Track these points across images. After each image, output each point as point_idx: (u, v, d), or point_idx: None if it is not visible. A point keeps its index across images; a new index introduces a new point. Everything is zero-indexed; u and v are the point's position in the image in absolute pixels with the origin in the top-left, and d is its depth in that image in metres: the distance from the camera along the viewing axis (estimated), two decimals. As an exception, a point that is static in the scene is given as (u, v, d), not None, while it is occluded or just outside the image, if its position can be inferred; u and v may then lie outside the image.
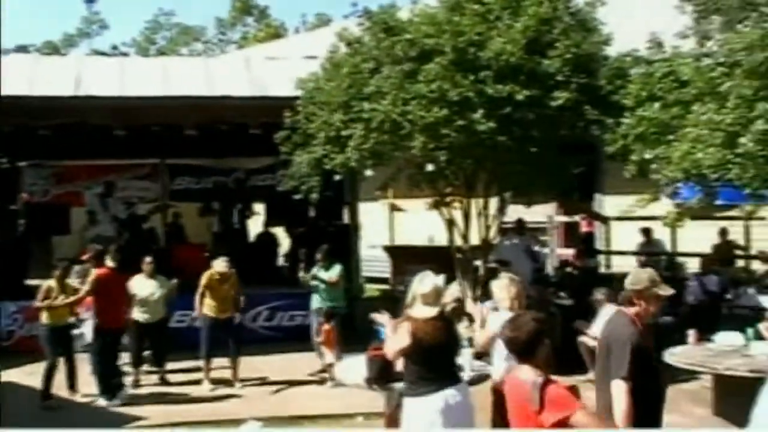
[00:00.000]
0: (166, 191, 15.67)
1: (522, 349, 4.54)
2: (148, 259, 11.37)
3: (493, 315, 6.97)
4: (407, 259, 16.37)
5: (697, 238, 14.23)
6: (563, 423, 4.28)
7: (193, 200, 16.33)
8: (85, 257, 11.63)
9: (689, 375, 9.55)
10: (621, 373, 5.03)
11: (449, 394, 5.99)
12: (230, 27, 50.31)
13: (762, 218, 11.90)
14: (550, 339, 4.62)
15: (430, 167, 11.13)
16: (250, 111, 13.43)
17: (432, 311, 6.07)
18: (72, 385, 10.45)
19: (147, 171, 15.72)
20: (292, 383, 11.15)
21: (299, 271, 12.26)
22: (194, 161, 15.59)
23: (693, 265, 14.26)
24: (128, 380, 10.90)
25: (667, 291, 5.35)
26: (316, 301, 11.86)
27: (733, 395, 6.91)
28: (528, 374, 4.45)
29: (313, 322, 11.85)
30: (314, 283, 11.79)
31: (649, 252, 15.59)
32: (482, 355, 7.52)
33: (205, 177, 15.85)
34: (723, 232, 14.45)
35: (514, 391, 4.55)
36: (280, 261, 17.06)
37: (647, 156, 9.50)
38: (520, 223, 13.62)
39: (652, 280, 5.35)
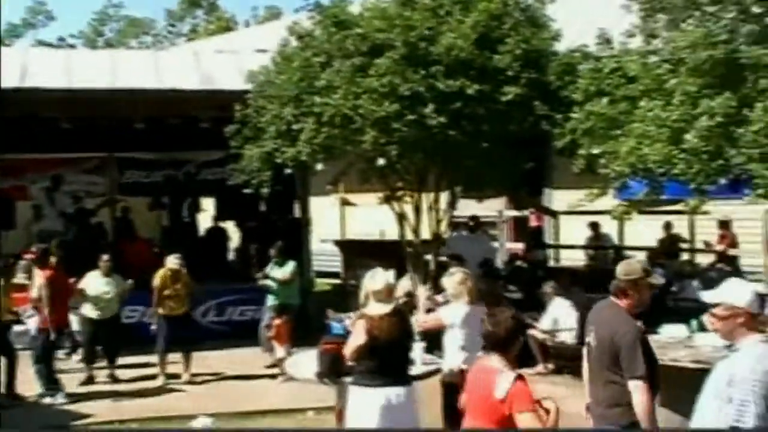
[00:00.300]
0: (115, 185, 15.48)
1: (499, 344, 4.75)
2: (105, 257, 11.26)
3: (445, 308, 7.02)
4: (358, 253, 16.41)
5: (643, 233, 14.48)
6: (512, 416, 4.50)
7: (143, 194, 16.12)
8: (29, 257, 11.45)
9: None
10: (638, 372, 5.11)
11: (394, 392, 6.03)
12: (180, 19, 49.76)
13: (706, 213, 12.12)
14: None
15: (381, 161, 11.15)
16: (200, 104, 13.32)
17: (386, 308, 6.10)
18: (9, 383, 10.23)
19: (95, 164, 15.51)
20: (242, 378, 11.11)
21: (250, 266, 12.20)
22: (143, 155, 15.42)
23: (639, 259, 14.49)
24: (80, 377, 10.79)
25: (658, 280, 5.45)
26: (271, 299, 11.85)
27: (677, 386, 7.03)
28: (499, 364, 4.68)
29: (265, 318, 11.83)
30: (268, 283, 11.77)
31: (597, 246, 15.83)
32: (433, 348, 7.58)
33: (155, 171, 15.68)
34: (668, 226, 14.72)
35: (481, 376, 4.73)
36: (231, 256, 16.96)
37: (595, 151, 9.62)
38: (475, 220, 13.72)
39: (645, 269, 5.46)
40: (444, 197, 13.17)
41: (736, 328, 4.34)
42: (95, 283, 11.01)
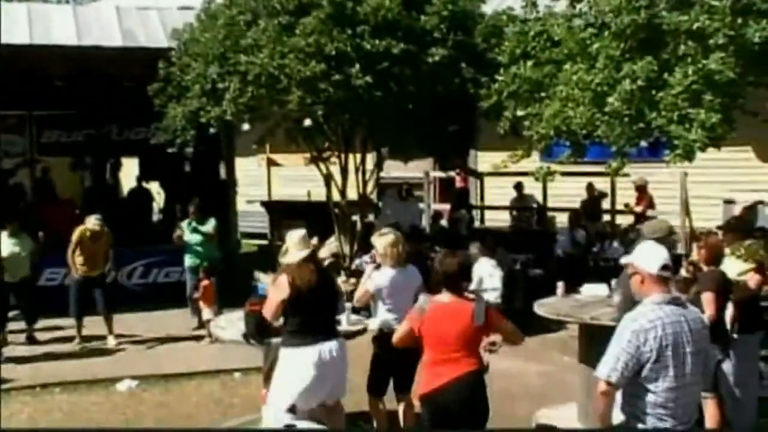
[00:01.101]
0: (34, 145, 15.06)
1: (451, 280, 5.38)
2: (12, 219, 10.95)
3: (371, 277, 7.02)
4: (285, 214, 16.37)
5: (566, 194, 14.74)
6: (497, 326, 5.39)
7: (64, 154, 15.72)
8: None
9: (557, 325, 9.96)
10: None
11: (324, 348, 6.05)
12: (100, -26, 48.43)
13: (626, 175, 12.39)
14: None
15: (307, 122, 11.10)
16: (123, 62, 13.01)
17: (303, 253, 6.13)
18: None
19: (13, 123, 15.02)
20: (168, 340, 11.02)
21: (175, 228, 12.02)
22: (64, 113, 14.99)
23: (562, 220, 14.78)
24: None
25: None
26: (188, 259, 11.72)
27: (597, 343, 7.22)
28: (466, 300, 5.38)
29: (188, 279, 11.71)
30: (194, 237, 11.61)
31: (521, 207, 16.07)
32: (359, 309, 7.63)
33: (76, 130, 15.26)
34: (590, 188, 15.00)
35: (456, 310, 5.31)
36: (155, 217, 16.72)
37: (520, 113, 9.73)
38: (407, 187, 13.78)
39: (670, 227, 5.57)
40: (371, 158, 13.20)
41: (640, 288, 4.50)
42: (3, 244, 10.71)
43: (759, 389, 7.16)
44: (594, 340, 7.32)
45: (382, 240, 6.91)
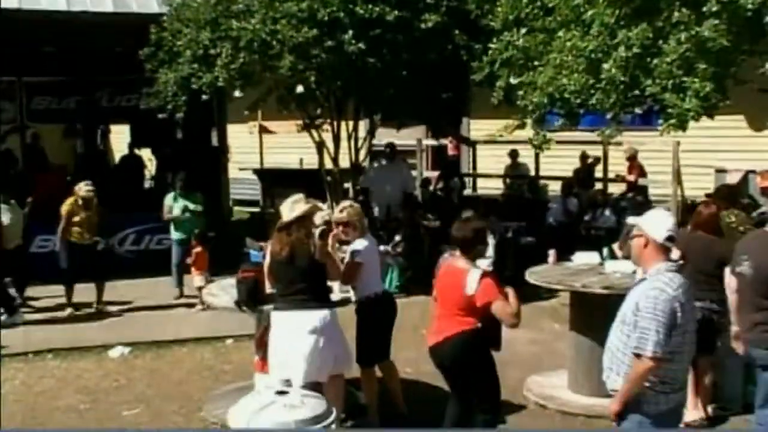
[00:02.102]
0: (24, 111, 14.94)
1: (465, 244, 5.73)
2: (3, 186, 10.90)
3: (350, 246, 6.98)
4: (277, 182, 16.33)
5: (558, 163, 14.74)
6: (488, 306, 5.47)
7: (54, 121, 15.62)
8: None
9: (548, 293, 10.01)
10: None
11: (306, 315, 6.05)
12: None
13: (619, 144, 12.39)
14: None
15: (299, 89, 11.03)
16: (113, 27, 12.89)
17: (281, 223, 6.15)
18: None
19: (3, 89, 14.87)
20: (160, 307, 11.03)
21: (162, 206, 11.86)
22: (54, 80, 14.86)
23: (554, 188, 14.80)
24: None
25: None
26: (175, 232, 11.66)
27: (588, 311, 7.27)
28: (467, 264, 5.65)
29: (175, 251, 11.66)
30: (184, 214, 11.51)
31: (514, 175, 16.07)
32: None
33: (67, 97, 15.14)
34: (583, 157, 14.99)
35: (451, 274, 5.72)
36: (147, 184, 16.67)
37: (513, 81, 9.68)
38: (391, 147, 13.70)
39: None
40: (363, 126, 13.16)
41: (643, 254, 4.49)
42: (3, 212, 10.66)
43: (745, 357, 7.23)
44: (585, 308, 7.37)
45: (352, 211, 6.82)
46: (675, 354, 4.31)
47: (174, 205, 11.57)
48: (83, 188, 10.78)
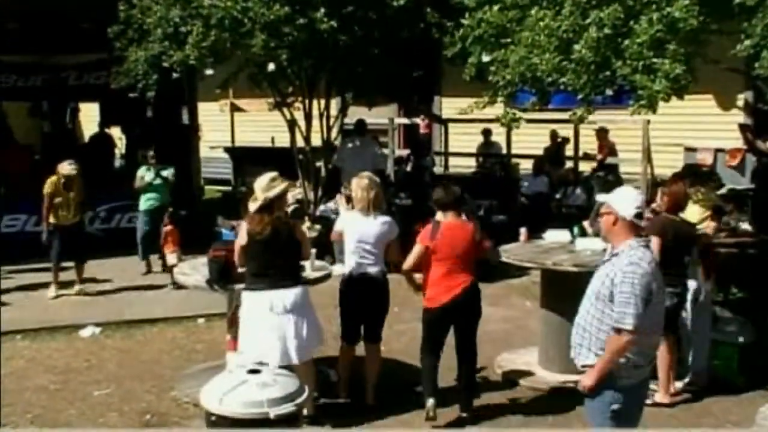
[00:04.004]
0: (-12, 89, 14.70)
1: (453, 203, 6.52)
2: None
3: (341, 218, 7.04)
4: (248, 160, 16.27)
5: (529, 141, 14.80)
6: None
7: (21, 99, 15.42)
8: None
9: (520, 271, 10.07)
10: None
11: (282, 294, 6.05)
12: None
13: (592, 123, 12.44)
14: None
15: (271, 66, 10.98)
16: (81, 3, 12.69)
17: (256, 204, 6.12)
18: None
19: (-34, 68, 14.64)
20: (131, 287, 10.96)
21: (134, 178, 11.77)
22: (20, 58, 14.61)
23: (526, 166, 14.87)
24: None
25: None
26: (145, 202, 11.60)
27: (558, 288, 7.33)
28: (463, 219, 6.57)
29: (141, 222, 11.60)
30: (156, 180, 11.43)
31: (486, 153, 16.11)
32: (324, 254, 7.64)
33: (33, 75, 14.90)
34: (554, 135, 15.06)
35: (459, 228, 6.46)
36: (117, 162, 16.52)
37: (485, 59, 9.66)
38: (360, 123, 13.65)
39: None
40: (335, 104, 13.12)
41: (612, 230, 4.54)
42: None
43: (712, 333, 7.34)
44: (556, 286, 7.43)
45: (355, 182, 6.93)
46: (648, 328, 4.37)
47: (146, 175, 11.51)
48: (66, 167, 10.47)
